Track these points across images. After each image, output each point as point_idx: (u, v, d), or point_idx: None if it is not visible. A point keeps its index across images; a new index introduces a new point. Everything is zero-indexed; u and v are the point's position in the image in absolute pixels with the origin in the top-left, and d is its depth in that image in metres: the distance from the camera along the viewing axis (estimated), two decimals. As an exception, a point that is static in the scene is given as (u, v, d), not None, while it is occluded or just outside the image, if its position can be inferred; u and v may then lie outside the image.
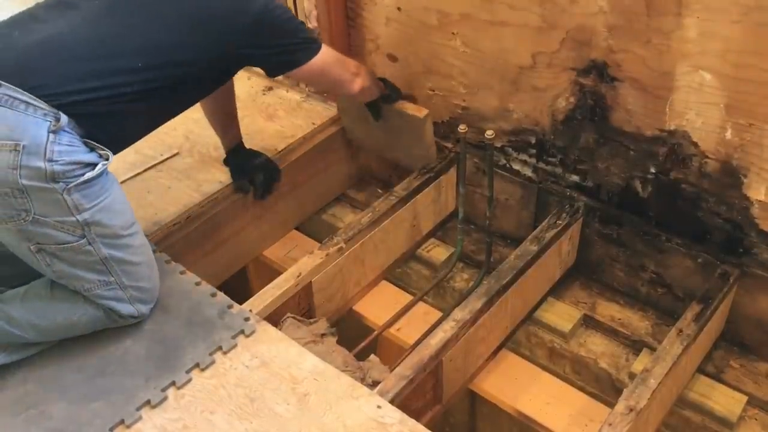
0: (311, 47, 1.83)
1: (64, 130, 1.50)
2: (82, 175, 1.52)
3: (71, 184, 1.51)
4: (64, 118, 1.50)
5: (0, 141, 1.44)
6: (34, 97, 1.48)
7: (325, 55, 1.86)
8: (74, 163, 1.51)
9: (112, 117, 1.61)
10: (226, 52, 1.72)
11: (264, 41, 1.75)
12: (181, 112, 1.84)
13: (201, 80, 1.77)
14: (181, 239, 2.09)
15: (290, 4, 2.48)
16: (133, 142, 1.80)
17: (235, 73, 1.92)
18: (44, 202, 1.50)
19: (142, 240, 1.72)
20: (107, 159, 1.59)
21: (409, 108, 2.24)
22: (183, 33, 1.65)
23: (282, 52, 1.80)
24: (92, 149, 1.57)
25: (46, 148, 1.47)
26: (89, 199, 1.55)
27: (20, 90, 1.47)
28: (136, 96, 1.61)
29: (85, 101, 1.55)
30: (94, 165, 1.55)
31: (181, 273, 1.88)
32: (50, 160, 1.47)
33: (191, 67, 1.68)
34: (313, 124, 2.50)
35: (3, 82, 1.47)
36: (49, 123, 1.48)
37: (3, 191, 1.47)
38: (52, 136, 1.48)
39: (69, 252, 1.58)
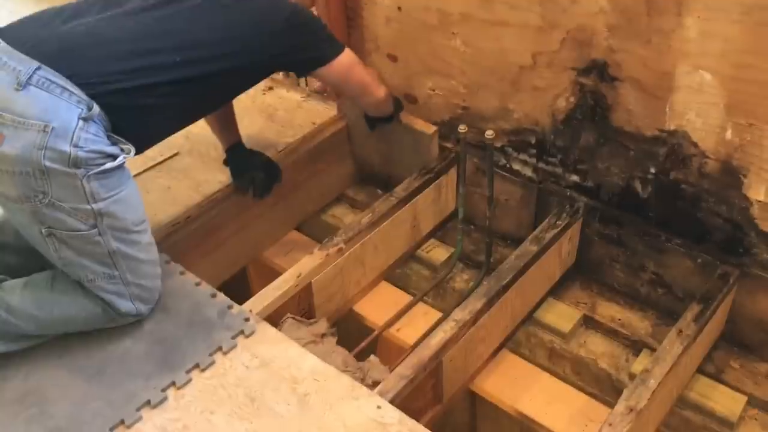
0: (336, 45, 1.94)
1: (94, 120, 1.54)
2: (103, 164, 1.55)
3: (91, 172, 1.53)
4: (96, 108, 1.53)
5: (31, 120, 1.47)
6: (71, 83, 1.51)
7: (351, 55, 1.98)
8: (97, 152, 1.53)
9: (143, 111, 1.65)
10: (260, 54, 1.80)
11: (294, 41, 1.83)
12: (210, 113, 1.93)
13: (232, 80, 1.83)
14: (181, 239, 2.09)
15: (290, 4, 2.48)
16: (157, 141, 1.83)
17: (266, 76, 1.99)
18: (63, 186, 1.53)
19: (150, 239, 1.74)
20: (129, 153, 1.62)
21: (418, 124, 2.30)
22: (220, 35, 1.73)
23: (311, 49, 1.89)
24: (115, 143, 1.60)
25: (74, 134, 1.49)
26: (106, 189, 1.57)
27: (59, 74, 1.51)
28: (171, 90, 1.66)
29: (119, 92, 1.58)
30: (115, 157, 1.58)
31: (181, 273, 1.88)
32: (76, 146, 1.50)
33: (226, 67, 1.74)
34: (313, 124, 2.50)
35: (43, 65, 1.50)
36: (81, 110, 1.51)
37: (25, 170, 1.49)
38: (81, 122, 1.51)
39: (78, 240, 1.59)
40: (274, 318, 1.88)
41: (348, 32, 2.38)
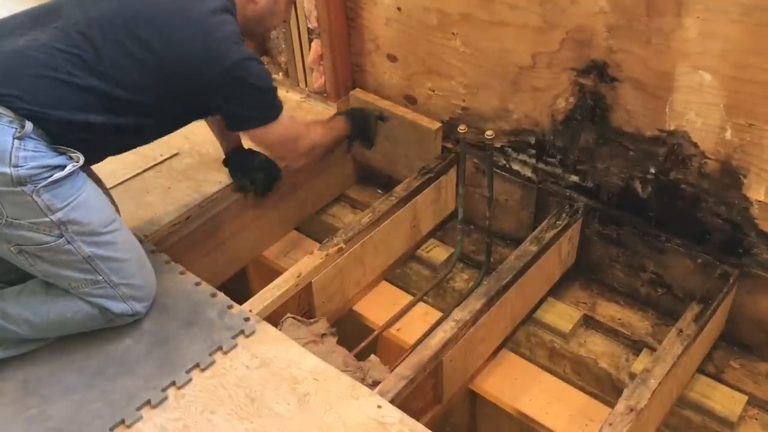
0: (267, 116, 1.81)
1: (30, 137, 1.51)
2: (50, 176, 1.53)
3: (39, 185, 1.51)
4: (29, 125, 1.51)
5: None
6: (1, 106, 1.49)
7: (277, 130, 1.83)
8: (40, 167, 1.51)
9: (80, 140, 1.61)
10: (189, 97, 1.70)
11: (221, 94, 1.71)
12: (151, 140, 1.85)
13: (166, 117, 1.77)
14: (181, 239, 2.09)
15: (290, 4, 2.48)
16: (105, 156, 1.79)
17: (203, 116, 1.95)
18: (15, 205, 1.51)
19: (126, 237, 1.72)
20: (78, 161, 1.59)
21: (422, 120, 2.29)
22: (149, 73, 1.63)
23: (235, 111, 1.78)
24: (62, 153, 1.58)
25: (11, 154, 1.48)
26: (60, 198, 1.55)
27: None
28: (100, 127, 1.62)
29: (53, 118, 1.55)
30: (63, 167, 1.56)
31: (181, 273, 1.88)
32: (15, 166, 1.48)
33: (154, 104, 1.67)
34: (313, 124, 2.50)
35: None
36: (14, 129, 1.49)
37: None
38: (17, 142, 1.49)
39: (49, 252, 1.58)
40: (274, 318, 1.88)
41: (348, 32, 2.38)
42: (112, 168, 2.24)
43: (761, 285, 1.87)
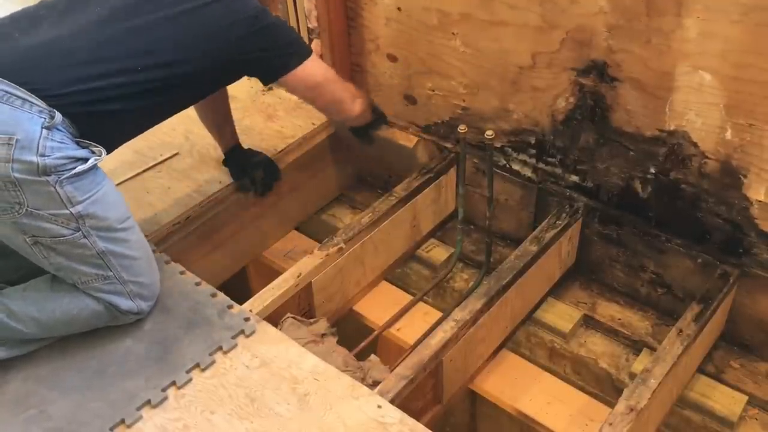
0: (302, 52, 1.87)
1: (57, 128, 1.53)
2: (74, 168, 1.54)
3: (63, 177, 1.53)
4: (58, 116, 1.53)
5: None
6: (31, 95, 1.51)
7: (318, 65, 1.91)
8: (65, 157, 1.53)
9: (106, 117, 1.63)
10: (220, 58, 1.75)
11: (253, 46, 1.78)
12: (174, 114, 1.86)
13: (195, 84, 1.80)
14: (181, 239, 2.09)
15: (290, 3, 2.49)
16: (126, 141, 1.81)
17: (231, 80, 1.93)
18: (37, 195, 1.52)
19: (139, 236, 1.73)
20: (99, 155, 1.61)
21: (399, 137, 2.26)
22: (179, 39, 1.69)
23: (272, 55, 1.83)
24: (85, 146, 1.60)
25: (38, 143, 1.49)
26: (81, 191, 1.57)
27: (18, 87, 1.50)
28: (132, 96, 1.64)
29: (80, 102, 1.57)
30: (86, 159, 1.57)
31: (181, 273, 1.88)
32: (42, 155, 1.49)
33: (185, 72, 1.71)
34: (313, 124, 2.50)
35: (1, 79, 1.50)
36: (43, 119, 1.51)
37: None
38: (45, 132, 1.50)
39: (65, 245, 1.59)
40: (274, 318, 1.88)
41: (348, 32, 2.38)
42: (112, 168, 2.25)
43: (761, 285, 1.87)
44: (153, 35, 1.67)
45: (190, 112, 2.14)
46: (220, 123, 2.22)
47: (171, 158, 2.36)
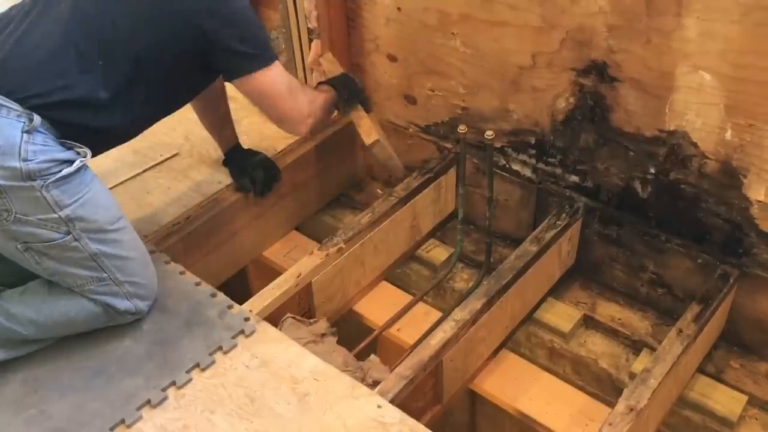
0: (265, 56, 1.75)
1: (38, 131, 1.51)
2: (59, 171, 1.52)
3: (49, 181, 1.51)
4: (37, 119, 1.51)
5: None
6: (7, 100, 1.49)
7: (277, 75, 1.78)
8: (49, 161, 1.51)
9: (86, 118, 1.60)
10: (190, 48, 1.68)
11: (221, 30, 1.67)
12: (161, 118, 1.81)
13: (169, 80, 1.73)
14: (181, 239, 2.09)
15: (290, 3, 2.48)
16: (115, 143, 1.79)
17: (208, 81, 1.88)
18: (24, 201, 1.51)
19: (132, 236, 1.72)
20: (85, 156, 1.59)
21: (363, 130, 2.10)
22: (147, 29, 1.63)
23: (235, 49, 1.71)
24: (69, 148, 1.58)
25: (20, 148, 1.47)
26: (69, 194, 1.55)
27: None
28: (107, 100, 1.61)
29: (56, 104, 1.55)
30: (71, 162, 1.55)
31: (181, 273, 1.88)
32: (25, 160, 1.48)
33: (156, 64, 1.65)
34: (313, 124, 2.50)
35: None
36: (22, 123, 1.49)
37: None
38: (25, 136, 1.48)
39: (56, 249, 1.58)
40: (274, 318, 1.88)
41: (348, 32, 2.38)
42: (112, 168, 2.25)
43: (761, 285, 1.87)
44: (120, 28, 1.61)
45: (190, 113, 2.14)
46: (220, 124, 2.22)
47: (171, 158, 2.36)
